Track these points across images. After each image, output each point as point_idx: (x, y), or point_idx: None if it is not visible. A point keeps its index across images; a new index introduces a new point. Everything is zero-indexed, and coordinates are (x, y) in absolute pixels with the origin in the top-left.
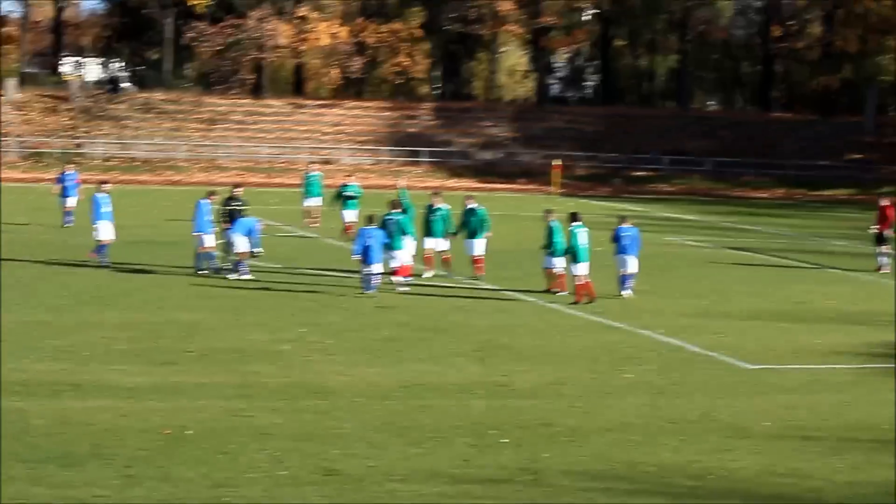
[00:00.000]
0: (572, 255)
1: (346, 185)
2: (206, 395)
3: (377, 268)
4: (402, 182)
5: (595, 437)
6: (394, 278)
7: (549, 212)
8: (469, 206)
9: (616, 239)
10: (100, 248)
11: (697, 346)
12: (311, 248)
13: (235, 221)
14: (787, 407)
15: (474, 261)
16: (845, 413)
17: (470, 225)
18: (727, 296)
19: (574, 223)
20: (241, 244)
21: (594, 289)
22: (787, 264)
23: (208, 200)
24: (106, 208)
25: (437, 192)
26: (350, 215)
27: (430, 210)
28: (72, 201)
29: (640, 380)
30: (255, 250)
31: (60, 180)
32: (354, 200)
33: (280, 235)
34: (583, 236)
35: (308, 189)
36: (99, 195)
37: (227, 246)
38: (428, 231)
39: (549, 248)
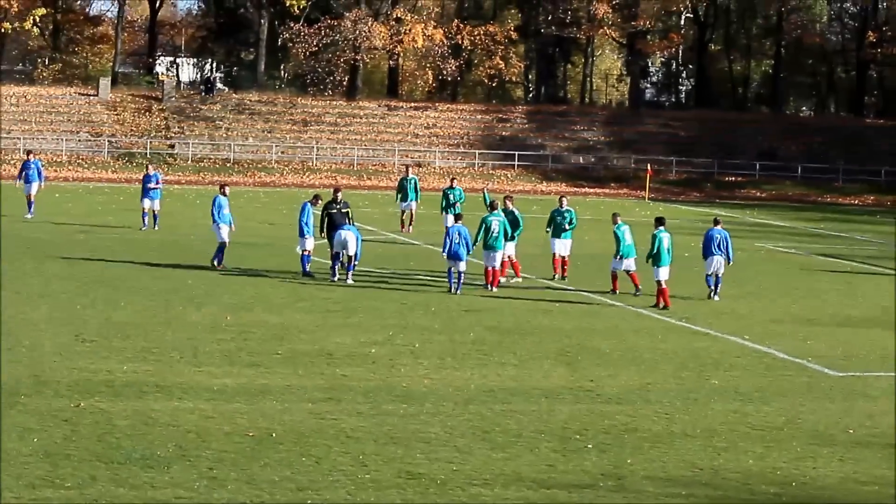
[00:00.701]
0: (655, 259)
1: (451, 189)
2: (292, 397)
3: (463, 265)
4: (488, 185)
5: (679, 442)
6: (493, 288)
7: (616, 215)
8: (563, 207)
9: (708, 241)
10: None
11: (784, 352)
12: (402, 251)
13: (340, 225)
14: (871, 414)
15: (556, 261)
16: None
17: (557, 224)
18: (815, 302)
19: (658, 227)
20: (352, 246)
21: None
22: (875, 271)
23: (313, 203)
24: (225, 211)
25: (508, 196)
26: (453, 220)
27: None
28: (156, 204)
29: (726, 386)
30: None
31: (145, 181)
32: (458, 206)
33: (371, 238)
34: (666, 241)
35: (404, 192)
36: (220, 198)
37: (340, 247)
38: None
39: (617, 251)
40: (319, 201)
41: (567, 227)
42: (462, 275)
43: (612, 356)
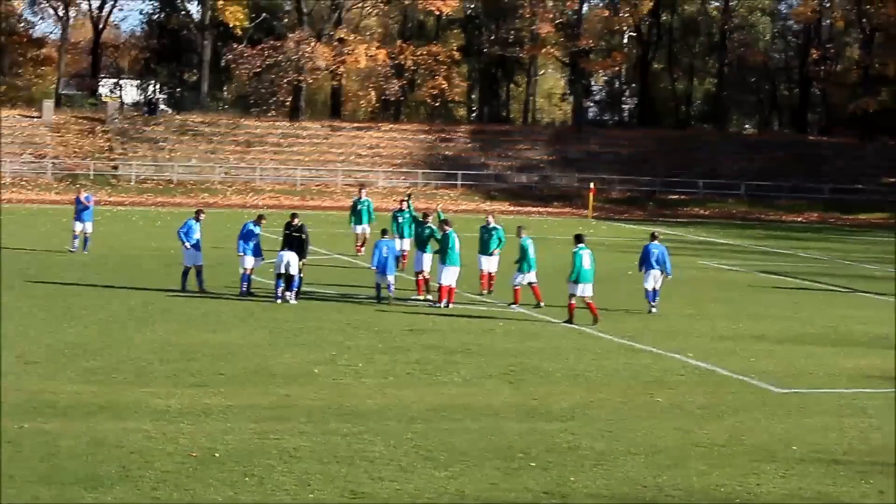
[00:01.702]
0: (575, 277)
1: (400, 211)
2: (235, 417)
3: (391, 279)
4: (440, 205)
5: (623, 460)
6: (441, 304)
7: (521, 228)
8: (489, 224)
9: (645, 255)
10: (185, 272)
11: (727, 369)
12: (346, 272)
13: (288, 247)
14: (815, 431)
15: (483, 276)
16: (874, 437)
17: (484, 241)
18: (758, 319)
19: (578, 245)
20: (294, 267)
21: (582, 309)
22: (819, 288)
23: (254, 223)
24: (196, 236)
25: (426, 213)
26: (403, 244)
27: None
28: (88, 226)
29: (670, 403)
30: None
31: (77, 203)
32: (408, 228)
33: (314, 259)
34: (586, 258)
35: (357, 215)
36: (191, 222)
37: (282, 267)
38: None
39: (519, 263)
40: (263, 221)
41: (494, 244)
42: (391, 287)
43: (556, 375)
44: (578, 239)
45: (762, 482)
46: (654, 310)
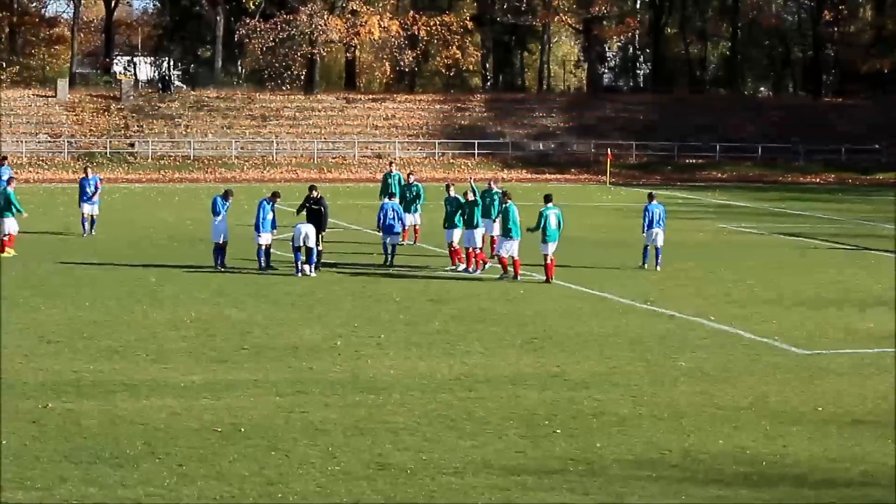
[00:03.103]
0: (542, 235)
1: (408, 185)
2: (258, 391)
3: (397, 238)
4: (472, 177)
5: (647, 425)
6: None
7: (448, 188)
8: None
9: (647, 215)
10: (217, 250)
11: (749, 332)
12: (365, 245)
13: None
14: (838, 392)
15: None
16: None
17: (485, 207)
18: (778, 282)
19: (547, 205)
20: (311, 239)
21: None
22: (837, 248)
23: (269, 200)
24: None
25: (449, 184)
26: (413, 219)
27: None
28: (94, 208)
29: (692, 367)
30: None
31: (82, 185)
32: (417, 202)
33: (334, 231)
34: (552, 218)
35: (386, 189)
36: (219, 199)
37: (300, 240)
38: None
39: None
40: (278, 199)
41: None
42: (395, 247)
43: (577, 341)
44: (547, 199)
45: (788, 444)
46: (658, 268)
